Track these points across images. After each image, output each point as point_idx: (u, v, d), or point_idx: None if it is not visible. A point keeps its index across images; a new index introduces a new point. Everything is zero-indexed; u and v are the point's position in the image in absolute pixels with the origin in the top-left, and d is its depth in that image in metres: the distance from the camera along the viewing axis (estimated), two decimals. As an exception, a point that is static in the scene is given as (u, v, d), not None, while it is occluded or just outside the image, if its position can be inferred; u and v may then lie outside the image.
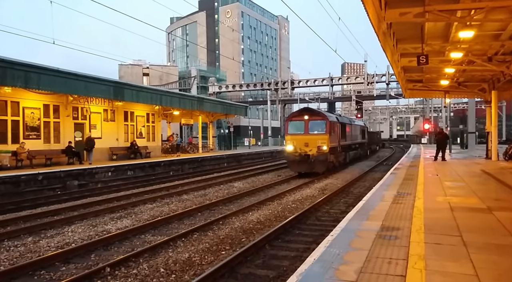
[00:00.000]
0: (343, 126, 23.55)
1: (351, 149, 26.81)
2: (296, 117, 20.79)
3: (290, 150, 20.06)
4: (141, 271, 6.43)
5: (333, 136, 20.65)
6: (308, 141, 19.83)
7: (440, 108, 55.31)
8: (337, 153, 21.94)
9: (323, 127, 20.00)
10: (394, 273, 4.18)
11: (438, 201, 8.54)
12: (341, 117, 24.80)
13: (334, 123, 21.08)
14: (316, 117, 20.35)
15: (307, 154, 19.69)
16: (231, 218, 10.26)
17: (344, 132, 23.63)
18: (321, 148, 19.57)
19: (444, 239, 5.47)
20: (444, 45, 13.29)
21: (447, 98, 25.30)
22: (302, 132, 20.18)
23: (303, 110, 21.34)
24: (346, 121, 25.67)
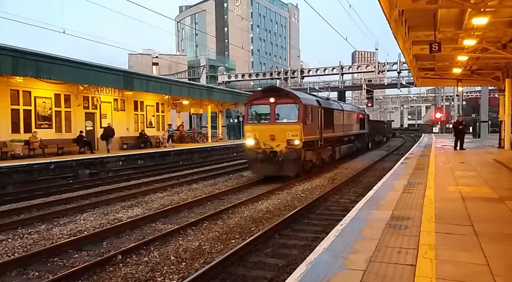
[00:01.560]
0: (329, 113, 17.99)
1: (342, 142, 21.15)
2: (258, 99, 15.28)
3: (251, 145, 14.78)
4: (152, 259, 6.50)
5: (311, 126, 15.42)
6: (274, 133, 14.52)
7: (452, 97, 54.52)
8: (317, 148, 16.59)
9: (295, 114, 14.52)
10: (404, 262, 4.17)
11: (450, 191, 8.47)
12: (325, 101, 18.63)
13: (313, 109, 15.69)
14: (286, 99, 14.77)
15: (273, 151, 14.37)
16: (241, 207, 10.30)
17: (329, 121, 18.12)
18: (291, 142, 14.22)
19: (455, 228, 5.43)
20: (457, 32, 13.02)
21: (460, 86, 24.95)
22: (267, 121, 15.02)
23: (268, 90, 15.56)
24: (335, 107, 19.81)
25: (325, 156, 18.19)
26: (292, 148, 14.24)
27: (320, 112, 16.55)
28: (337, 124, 19.48)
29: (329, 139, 18.26)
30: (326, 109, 17.45)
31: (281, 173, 14.29)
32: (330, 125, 18.16)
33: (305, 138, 14.58)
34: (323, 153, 17.60)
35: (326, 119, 17.28)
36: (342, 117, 20.86)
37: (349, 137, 22.92)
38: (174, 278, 5.77)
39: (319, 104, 16.59)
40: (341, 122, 20.61)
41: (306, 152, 15.10)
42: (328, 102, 19.45)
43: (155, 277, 5.80)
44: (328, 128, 17.82)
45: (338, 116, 19.93)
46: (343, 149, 21.25)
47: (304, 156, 14.88)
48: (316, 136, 16.17)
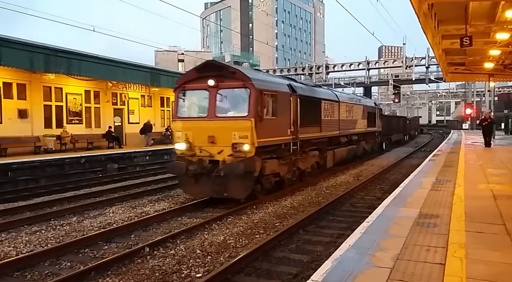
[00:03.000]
0: (311, 105, 12.99)
1: (337, 145, 16.14)
2: (191, 82, 10.41)
3: (182, 151, 10.17)
4: (178, 252, 6.63)
5: (274, 123, 10.45)
6: (214, 133, 9.79)
7: (483, 93, 52.79)
8: (289, 155, 11.52)
9: (244, 104, 9.71)
10: (432, 261, 4.10)
11: (480, 189, 8.24)
12: (305, 88, 13.09)
13: (277, 97, 10.61)
14: (230, 81, 9.87)
15: (213, 160, 9.81)
16: (265, 203, 10.33)
17: (313, 115, 13.19)
18: (238, 148, 9.52)
19: (486, 227, 5.29)
20: (490, 26, 12.59)
21: (491, 82, 24.15)
22: (204, 115, 10.17)
23: (205, 67, 10.28)
24: (322, 96, 14.38)
25: (306, 164, 12.95)
26: (239, 156, 9.46)
27: (295, 103, 11.49)
28: (327, 120, 14.47)
29: (313, 141, 13.26)
30: (305, 98, 12.25)
31: (224, 194, 9.68)
32: (314, 122, 13.22)
33: (262, 142, 9.66)
34: (301, 162, 12.47)
35: (307, 113, 12.38)
36: (338, 110, 15.73)
37: (351, 138, 17.70)
38: (200, 271, 5.86)
39: (291, 90, 11.37)
40: (336, 118, 15.53)
41: (265, 162, 10.12)
42: (311, 89, 13.98)
43: (181, 269, 5.91)
44: (311, 126, 12.88)
45: (330, 109, 14.83)
46: (340, 153, 16.05)
47: (261, 168, 9.92)
48: (285, 138, 11.04)
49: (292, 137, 11.43)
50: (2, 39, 15.25)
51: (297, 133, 11.67)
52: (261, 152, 9.86)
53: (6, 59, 15.14)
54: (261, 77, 10.70)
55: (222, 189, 9.69)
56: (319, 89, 15.17)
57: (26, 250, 6.86)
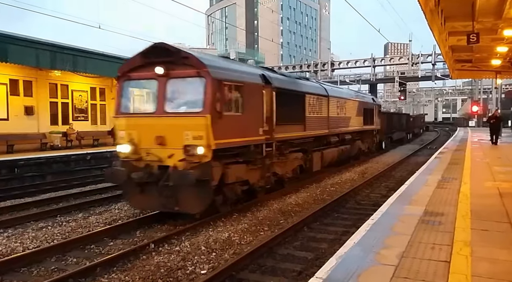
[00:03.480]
0: (292, 99, 11.24)
1: (326, 145, 14.25)
2: (137, 70, 8.59)
3: (126, 154, 8.41)
4: (183, 248, 6.65)
5: (239, 120, 8.71)
6: (164, 133, 8.06)
7: (490, 90, 52.36)
8: (262, 158, 9.73)
9: (198, 97, 7.97)
10: (437, 258, 4.09)
11: (486, 186, 8.19)
12: (283, 79, 11.32)
13: (243, 89, 8.86)
14: (183, 69, 8.07)
15: (163, 166, 8.07)
16: (269, 200, 10.34)
17: (295, 111, 11.50)
18: (191, 151, 7.79)
19: (492, 225, 5.26)
20: (497, 23, 12.47)
21: (499, 79, 23.95)
22: (152, 111, 8.46)
23: (153, 51, 8.38)
24: (306, 90, 12.53)
25: (285, 169, 11.20)
26: (192, 161, 7.70)
27: (269, 97, 9.76)
28: (313, 117, 12.68)
29: (295, 141, 11.66)
30: (284, 92, 10.55)
31: (175, 209, 7.90)
32: (296, 119, 11.51)
33: (222, 143, 7.92)
34: (279, 166, 10.71)
35: (287, 109, 10.71)
36: (327, 106, 13.91)
37: (343, 137, 15.77)
38: (205, 267, 5.88)
39: (265, 82, 9.61)
40: (324, 115, 13.70)
41: (227, 168, 8.30)
42: (293, 81, 12.11)
43: (186, 266, 5.93)
44: (293, 124, 11.25)
45: (317, 105, 13.04)
46: (329, 154, 14.26)
47: (222, 175, 8.12)
48: (256, 138, 9.24)
49: (266, 138, 9.56)
50: (9, 36, 15.36)
51: (273, 133, 9.84)
52: (222, 156, 8.10)
53: (12, 56, 15.24)
54: (221, 64, 8.84)
55: (172, 202, 7.78)
56: (303, 81, 13.12)
57: (32, 246, 6.92)
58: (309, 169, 12.93)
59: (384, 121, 23.91)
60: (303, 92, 12.17)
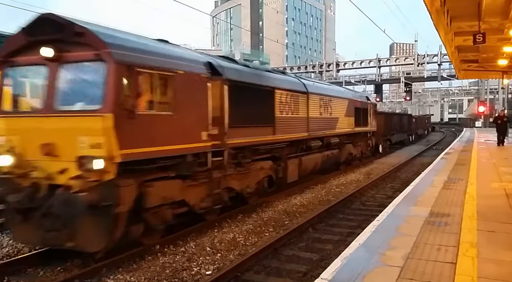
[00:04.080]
0: (254, 95, 9.14)
1: (306, 150, 12.19)
2: (21, 53, 6.24)
3: (6, 168, 6.13)
4: (188, 249, 6.67)
5: (169, 122, 6.58)
6: (52, 138, 5.81)
7: (496, 90, 51.97)
8: (206, 172, 7.70)
9: (96, 88, 5.73)
10: (443, 260, 4.07)
11: (493, 187, 8.13)
12: (242, 70, 9.23)
13: (178, 78, 6.74)
14: (77, 49, 5.79)
15: (53, 184, 5.83)
16: (274, 201, 10.34)
17: (259, 109, 9.40)
18: (87, 165, 5.57)
19: (498, 226, 5.23)
20: (503, 23, 12.39)
21: (505, 79, 23.78)
22: (38, 109, 6.17)
23: (38, 25, 5.94)
24: (275, 84, 10.23)
25: (246, 182, 9.11)
26: (91, 179, 5.65)
27: (219, 92, 7.75)
28: (287, 117, 10.53)
29: (260, 148, 9.51)
30: (242, 86, 8.49)
31: (67, 245, 5.75)
32: (262, 120, 9.38)
33: (134, 154, 5.89)
34: (235, 179, 8.66)
35: (248, 108, 8.68)
36: (306, 105, 11.70)
37: (328, 141, 13.61)
38: (210, 268, 5.90)
39: (211, 72, 7.57)
40: (302, 115, 11.52)
41: (148, 187, 6.28)
42: (256, 73, 9.66)
43: (191, 267, 5.95)
44: (257, 126, 9.14)
45: (292, 103, 10.86)
46: (310, 161, 12.21)
47: (138, 197, 6.10)
48: (196, 146, 7.18)
49: (213, 144, 7.51)
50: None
51: (225, 138, 7.75)
52: (138, 170, 6.05)
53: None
54: (135, 44, 6.21)
55: (61, 236, 5.63)
56: (272, 74, 10.65)
57: (38, 246, 6.95)
58: (283, 180, 10.79)
59: (382, 122, 21.93)
60: (272, 88, 9.86)
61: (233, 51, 76.81)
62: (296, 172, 11.40)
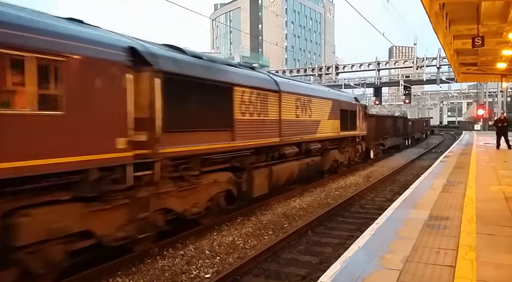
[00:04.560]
0: (204, 92, 7.44)
1: (278, 158, 10.57)
2: None
3: None
4: (187, 252, 6.66)
5: (55, 124, 4.84)
6: None
7: (495, 93, 52.10)
8: (126, 192, 5.82)
9: None
10: (442, 263, 4.07)
11: (492, 191, 8.13)
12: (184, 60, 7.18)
13: (73, 64, 5.00)
14: None
15: None
16: (274, 204, 10.33)
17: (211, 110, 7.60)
18: None
19: (498, 230, 5.23)
20: (502, 26, 12.44)
21: (504, 82, 23.86)
22: None
23: None
24: (234, 80, 8.43)
25: (194, 201, 7.43)
26: None
27: (147, 85, 6.15)
28: (250, 120, 8.85)
29: (215, 157, 7.87)
30: (183, 79, 6.87)
31: None
32: (215, 123, 7.73)
33: None
34: (176, 198, 6.96)
35: (195, 108, 7.15)
36: (277, 105, 10.10)
37: (307, 147, 12.01)
38: (209, 271, 5.89)
39: (133, 60, 5.88)
40: (272, 117, 9.84)
41: (18, 218, 4.59)
42: (205, 65, 7.75)
43: (190, 270, 5.94)
44: (207, 130, 7.51)
45: (258, 103, 9.18)
46: (283, 170, 10.57)
47: (2, 232, 4.48)
48: (105, 157, 5.44)
49: (136, 155, 5.80)
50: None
51: (157, 145, 6.06)
52: (5, 193, 4.49)
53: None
54: None
55: None
56: (230, 68, 8.67)
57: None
58: (247, 193, 9.08)
59: (373, 125, 20.22)
60: (230, 84, 8.13)
61: (233, 54, 76.93)
62: (265, 184, 9.69)
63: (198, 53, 8.23)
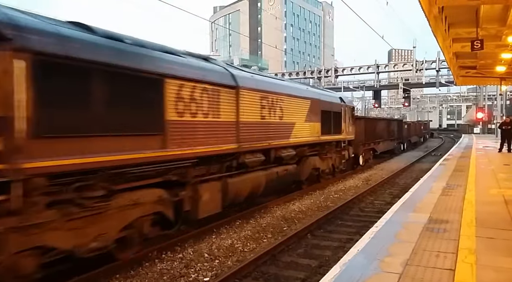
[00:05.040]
0: (96, 80, 5.22)
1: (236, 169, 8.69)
2: None
3: None
4: (186, 255, 6.63)
5: None
6: None
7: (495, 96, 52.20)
8: None
9: None
10: (442, 266, 4.05)
11: (491, 194, 8.12)
12: (44, 30, 4.75)
13: None
14: None
15: None
16: (273, 207, 10.31)
17: (123, 106, 5.63)
18: None
19: (497, 233, 5.22)
20: (501, 29, 12.48)
21: (503, 85, 23.89)
22: None
23: None
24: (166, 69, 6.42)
25: (95, 233, 5.38)
26: None
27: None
28: (192, 123, 7.02)
29: (134, 170, 5.90)
30: (76, 65, 4.99)
31: None
32: (138, 125, 5.89)
33: None
34: (63, 232, 4.97)
35: (99, 104, 5.27)
36: (235, 104, 8.30)
37: (278, 154, 10.26)
38: (208, 275, 5.86)
39: None
40: (228, 118, 8.06)
41: None
42: (121, 49, 5.79)
43: (189, 273, 5.91)
44: (126, 135, 5.70)
45: (207, 101, 7.39)
46: (244, 183, 8.79)
47: None
48: None
49: None
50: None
51: (17, 157, 4.36)
52: None
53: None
54: None
55: None
56: (159, 54, 6.57)
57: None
58: (191, 215, 7.28)
59: (362, 129, 18.51)
60: (158, 74, 6.20)
61: (232, 56, 77.04)
62: (218, 201, 7.91)
63: (117, 34, 6.14)
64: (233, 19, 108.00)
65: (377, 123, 22.82)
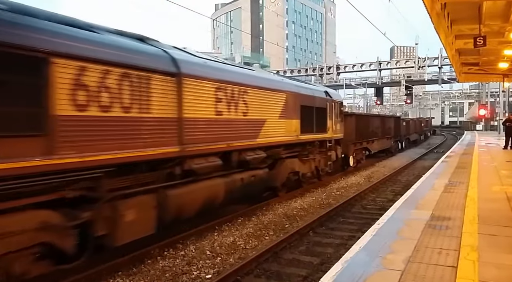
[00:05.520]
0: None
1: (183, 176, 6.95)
2: None
3: None
4: (188, 253, 6.64)
5: None
6: None
7: (497, 93, 51.97)
8: None
9: None
10: (444, 263, 4.04)
11: (494, 191, 8.10)
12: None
13: None
14: None
15: None
16: (274, 204, 10.31)
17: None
18: None
19: (500, 230, 5.20)
20: (504, 26, 12.42)
21: (506, 82, 23.79)
22: None
23: None
24: (52, 44, 4.53)
25: None
26: None
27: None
28: (104, 119, 5.24)
29: None
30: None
31: None
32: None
33: None
34: None
35: None
36: (176, 96, 6.53)
37: (243, 157, 8.69)
38: (210, 272, 5.87)
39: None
40: (166, 114, 6.30)
41: None
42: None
43: (191, 270, 5.92)
44: None
45: (130, 91, 5.60)
46: (190, 195, 7.06)
47: None
48: None
49: None
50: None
51: None
52: None
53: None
54: None
55: None
56: (50, 26, 4.78)
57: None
58: (108, 241, 5.62)
59: (352, 126, 16.83)
60: (42, 52, 4.51)
61: (234, 54, 76.97)
62: (150, 220, 6.21)
63: None
64: (234, 16, 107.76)
65: (370, 121, 20.53)
